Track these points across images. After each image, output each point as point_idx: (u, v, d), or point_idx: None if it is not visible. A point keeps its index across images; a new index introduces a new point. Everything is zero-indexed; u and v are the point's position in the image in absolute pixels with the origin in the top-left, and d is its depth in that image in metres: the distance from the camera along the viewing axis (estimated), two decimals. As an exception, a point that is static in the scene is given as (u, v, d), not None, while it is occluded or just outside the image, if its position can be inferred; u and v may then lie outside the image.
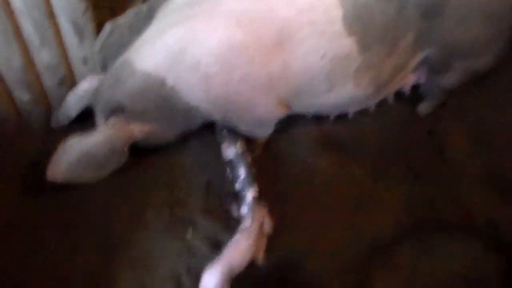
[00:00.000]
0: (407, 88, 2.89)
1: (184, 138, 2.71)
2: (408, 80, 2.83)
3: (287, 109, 2.57)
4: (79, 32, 2.43)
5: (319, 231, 2.64)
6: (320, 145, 2.89)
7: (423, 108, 3.05)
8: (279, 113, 2.55)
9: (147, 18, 2.55)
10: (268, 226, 2.53)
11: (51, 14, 2.34)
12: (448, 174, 2.86)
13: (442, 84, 2.81)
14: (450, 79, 2.75)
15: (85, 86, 2.57)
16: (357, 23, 2.30)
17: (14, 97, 2.63)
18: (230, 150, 2.62)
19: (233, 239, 2.38)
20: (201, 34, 2.23)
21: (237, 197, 2.59)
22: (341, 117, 2.91)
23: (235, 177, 2.60)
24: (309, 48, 2.30)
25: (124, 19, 2.55)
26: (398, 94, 2.95)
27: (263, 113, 2.52)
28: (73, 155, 2.32)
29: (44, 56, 2.49)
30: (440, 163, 2.90)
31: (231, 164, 2.63)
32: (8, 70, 2.47)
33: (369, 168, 2.86)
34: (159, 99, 2.35)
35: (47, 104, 2.74)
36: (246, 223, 2.45)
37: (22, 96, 2.61)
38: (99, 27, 2.55)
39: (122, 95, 2.35)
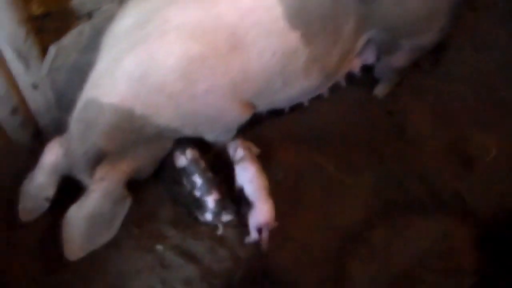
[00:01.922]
0: (357, 71, 2.94)
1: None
2: (355, 63, 2.87)
3: (252, 110, 2.59)
4: (24, 59, 2.39)
5: (289, 225, 2.65)
6: (282, 139, 2.90)
7: (380, 90, 3.09)
8: (246, 115, 2.57)
9: (92, 36, 2.55)
10: (255, 150, 2.73)
11: (-7, 44, 2.33)
12: (411, 152, 2.90)
13: (394, 64, 2.85)
14: (400, 58, 2.79)
15: (51, 158, 2.41)
16: (298, 17, 2.32)
17: (-33, 131, 2.61)
18: (181, 159, 2.63)
19: (239, 171, 2.62)
20: (158, 54, 2.19)
21: (199, 204, 2.60)
22: (298, 108, 2.94)
23: (192, 185, 2.60)
24: (261, 48, 2.32)
25: (68, 40, 2.51)
26: (351, 78, 2.98)
27: (232, 119, 2.54)
28: (80, 225, 2.25)
29: (-8, 86, 2.46)
30: (402, 142, 2.94)
31: (185, 172, 2.63)
32: (-42, 105, 2.45)
33: (333, 156, 2.88)
34: (133, 131, 2.30)
35: (3, 135, 2.69)
36: (238, 155, 2.64)
37: (-24, 128, 2.58)
38: (45, 51, 2.53)
39: (98, 138, 2.27)
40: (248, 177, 2.60)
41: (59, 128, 2.78)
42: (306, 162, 2.83)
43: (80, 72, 2.62)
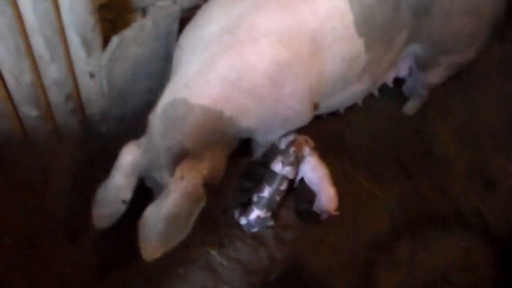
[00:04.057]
0: (390, 82, 3.08)
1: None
2: (390, 74, 3.01)
3: (315, 111, 2.66)
4: (88, 47, 2.42)
5: (323, 230, 2.80)
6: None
7: (409, 107, 3.25)
8: (311, 116, 2.64)
9: (152, 31, 2.61)
10: (311, 142, 2.89)
11: (61, 30, 2.34)
12: (437, 171, 3.06)
13: (428, 80, 3.01)
14: (436, 74, 2.96)
15: (128, 158, 2.34)
16: (364, 25, 2.45)
17: (21, 114, 2.59)
18: (278, 166, 2.72)
19: (305, 168, 2.81)
20: (251, 59, 2.26)
21: (247, 205, 2.71)
22: (334, 116, 3.09)
23: (258, 189, 2.70)
24: (334, 54, 2.43)
25: (130, 32, 2.54)
26: (385, 91, 3.13)
27: (303, 120, 2.61)
28: (158, 226, 2.19)
29: (52, 72, 2.46)
30: (429, 161, 3.10)
31: (269, 174, 2.73)
32: (17, 87, 2.44)
33: (363, 168, 3.03)
34: (219, 132, 2.33)
35: (53, 120, 2.71)
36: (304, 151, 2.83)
37: (30, 112, 2.57)
38: (105, 41, 2.57)
39: (183, 136, 2.25)
40: (309, 167, 2.78)
41: (104, 118, 2.85)
42: (338, 171, 2.94)
43: (136, 65, 2.69)
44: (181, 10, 2.68)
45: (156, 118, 2.30)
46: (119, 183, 2.35)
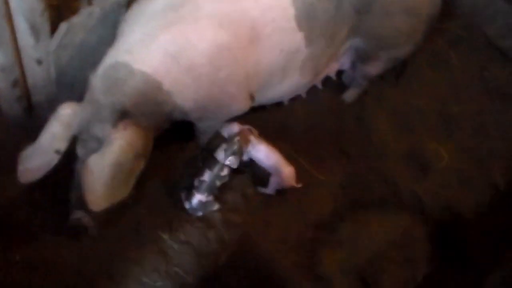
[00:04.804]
0: (333, 74, 3.23)
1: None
2: (333, 67, 3.16)
3: (251, 102, 2.76)
4: (36, 33, 2.40)
5: (270, 214, 2.91)
6: (261, 134, 3.04)
7: (349, 95, 3.38)
8: (248, 106, 2.74)
9: (100, 19, 2.63)
10: (255, 131, 2.95)
11: (9, 15, 2.32)
12: (375, 155, 3.22)
13: (368, 72, 3.17)
14: (375, 67, 3.12)
15: (67, 110, 2.31)
16: (305, 20, 2.57)
17: (-36, 101, 2.56)
18: (221, 154, 2.75)
19: (252, 153, 2.88)
20: (193, 36, 2.35)
21: (190, 191, 2.76)
22: (277, 107, 3.19)
23: (200, 173, 2.74)
24: (272, 44, 2.54)
25: (78, 18, 2.55)
26: (326, 81, 3.28)
27: (238, 108, 2.70)
28: (104, 174, 2.18)
29: (-2, 57, 2.46)
30: (368, 146, 3.25)
31: (212, 161, 2.76)
32: (-39, 73, 2.42)
33: (306, 154, 3.14)
34: (155, 103, 2.38)
35: (-4, 107, 2.69)
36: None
37: (-27, 99, 2.55)
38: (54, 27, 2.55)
39: (124, 97, 2.30)
40: (263, 154, 2.87)
41: (52, 105, 2.83)
42: (285, 157, 3.00)
43: (84, 52, 2.70)
44: (127, -2, 2.72)
45: (97, 78, 2.36)
46: (56, 131, 2.29)
